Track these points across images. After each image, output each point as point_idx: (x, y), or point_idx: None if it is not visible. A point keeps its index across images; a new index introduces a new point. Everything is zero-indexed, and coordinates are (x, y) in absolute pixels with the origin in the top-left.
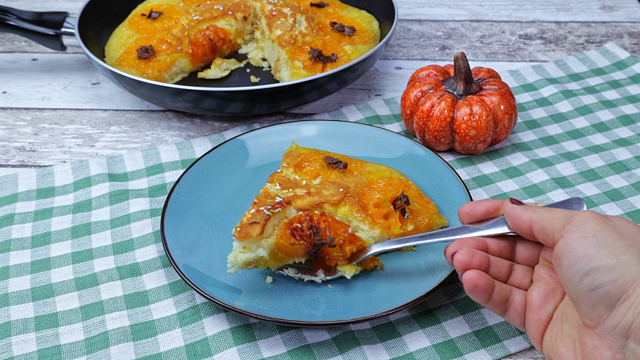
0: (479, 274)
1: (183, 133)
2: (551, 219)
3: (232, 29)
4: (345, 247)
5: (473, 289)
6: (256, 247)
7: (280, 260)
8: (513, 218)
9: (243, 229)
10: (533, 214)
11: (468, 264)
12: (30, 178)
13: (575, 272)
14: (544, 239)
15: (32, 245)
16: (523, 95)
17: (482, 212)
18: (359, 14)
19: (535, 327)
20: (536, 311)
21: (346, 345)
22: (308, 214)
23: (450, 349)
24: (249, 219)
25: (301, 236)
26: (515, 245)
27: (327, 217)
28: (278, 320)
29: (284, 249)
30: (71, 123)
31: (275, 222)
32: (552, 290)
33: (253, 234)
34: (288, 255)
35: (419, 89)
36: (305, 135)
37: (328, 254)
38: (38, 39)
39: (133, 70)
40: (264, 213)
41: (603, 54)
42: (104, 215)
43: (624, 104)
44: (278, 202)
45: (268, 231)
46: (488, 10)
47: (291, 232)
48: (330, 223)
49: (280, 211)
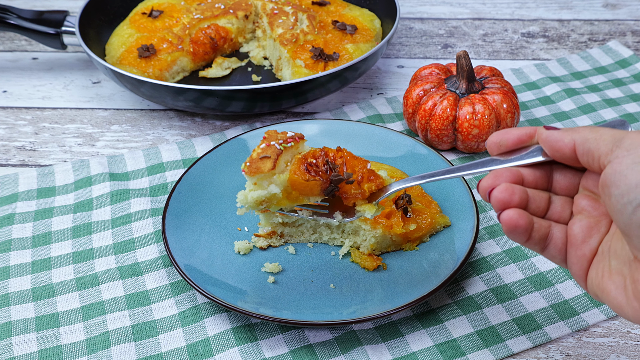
0: (520, 213)
1: (184, 132)
2: (597, 140)
3: (234, 28)
4: (364, 185)
5: (513, 230)
6: (268, 183)
7: (294, 200)
8: (552, 142)
9: (253, 164)
10: (576, 134)
11: (508, 201)
12: (31, 178)
13: (627, 202)
14: (588, 163)
15: (33, 245)
16: (526, 94)
17: (513, 141)
18: (360, 12)
19: (578, 264)
20: (579, 246)
21: (348, 345)
22: (323, 149)
23: (452, 349)
24: (259, 153)
25: (316, 172)
26: (552, 174)
27: (344, 152)
28: (280, 320)
29: (298, 186)
30: (72, 122)
31: (287, 158)
32: (596, 222)
33: (264, 169)
34: (302, 193)
35: (421, 87)
36: (307, 134)
37: (346, 192)
38: (38, 37)
39: (134, 69)
40: (275, 147)
41: (606, 52)
42: (104, 215)
43: (627, 103)
44: (290, 137)
45: (280, 167)
46: (490, 9)
47: (306, 168)
48: (347, 159)
49: (292, 146)
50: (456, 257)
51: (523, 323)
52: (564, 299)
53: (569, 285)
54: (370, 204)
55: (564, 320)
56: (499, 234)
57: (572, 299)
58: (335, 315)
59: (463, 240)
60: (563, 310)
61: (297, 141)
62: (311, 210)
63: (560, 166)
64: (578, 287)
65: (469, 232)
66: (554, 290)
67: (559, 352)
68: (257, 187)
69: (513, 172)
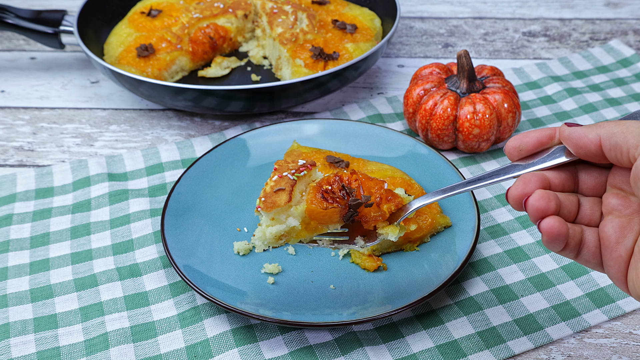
0: (560, 222)
1: (183, 132)
2: (624, 133)
3: (233, 27)
4: (383, 206)
5: (555, 239)
6: (286, 216)
7: (313, 230)
8: (576, 140)
9: (268, 199)
10: (601, 129)
11: (545, 209)
12: (29, 178)
13: None
14: (617, 158)
15: (31, 246)
16: (527, 94)
17: (533, 144)
18: (360, 12)
19: (615, 266)
20: (613, 248)
21: (348, 346)
22: (337, 174)
23: (453, 350)
24: (272, 187)
25: (333, 199)
26: (577, 174)
27: (358, 174)
28: (280, 321)
29: (317, 215)
30: (70, 122)
31: (302, 188)
32: (628, 221)
33: (281, 202)
34: (321, 222)
35: (422, 87)
36: (306, 134)
37: (365, 216)
38: (36, 37)
39: (132, 68)
40: (288, 178)
41: (608, 51)
42: (103, 216)
43: (629, 102)
44: (302, 165)
45: (296, 198)
46: (491, 8)
47: (322, 196)
48: (362, 181)
49: (306, 174)
50: (457, 257)
51: (524, 324)
52: (566, 300)
53: (570, 285)
54: (392, 226)
55: (565, 321)
56: (500, 234)
57: (573, 299)
58: (335, 316)
59: (464, 240)
60: (564, 311)
61: (310, 169)
62: (330, 239)
63: (585, 165)
64: (579, 287)
65: (470, 232)
66: (556, 291)
67: (561, 353)
68: (275, 221)
69: (540, 176)
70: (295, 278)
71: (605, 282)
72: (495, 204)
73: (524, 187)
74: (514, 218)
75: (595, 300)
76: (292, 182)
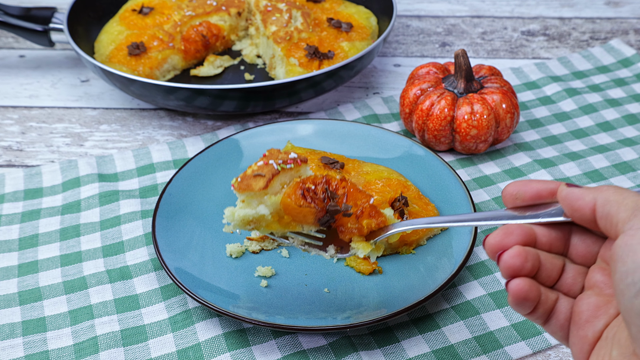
0: (530, 285)
1: (175, 132)
2: (619, 204)
3: (226, 25)
4: (363, 221)
5: (520, 302)
6: (257, 203)
7: (285, 225)
8: (572, 202)
9: (244, 180)
10: (599, 193)
11: (519, 269)
12: (18, 178)
13: (631, 283)
14: (606, 229)
15: (20, 248)
16: (525, 94)
17: (531, 196)
18: (356, 10)
19: (579, 345)
20: (582, 326)
21: (343, 351)
22: (326, 176)
23: (450, 355)
24: (254, 170)
25: (313, 199)
26: (570, 236)
27: (348, 183)
28: (273, 325)
29: (291, 210)
30: (60, 122)
31: (285, 180)
32: (605, 302)
33: (255, 187)
34: (295, 220)
35: (419, 87)
36: (300, 134)
37: (342, 226)
38: (25, 34)
39: (123, 67)
40: (272, 167)
41: (608, 51)
42: (93, 217)
43: (630, 103)
44: (292, 158)
45: (274, 188)
46: (489, 6)
47: (302, 193)
48: (350, 191)
49: (292, 168)
50: (454, 260)
51: (522, 329)
52: None
53: None
54: (366, 242)
55: None
56: None
57: None
58: (329, 321)
59: (461, 243)
60: None
61: (299, 164)
62: (303, 240)
63: (580, 229)
64: None
65: (467, 235)
66: None
67: (559, 358)
68: (246, 205)
69: (525, 230)
70: (288, 281)
71: None
72: (492, 206)
73: (503, 238)
74: None
75: None
76: (274, 171)
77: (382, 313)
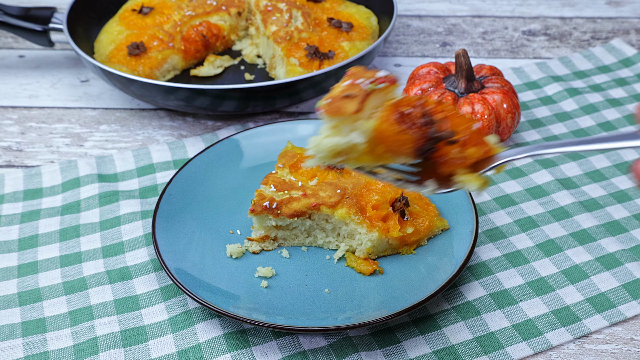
0: None
1: (175, 132)
2: None
3: (226, 25)
4: (469, 149)
5: None
6: (350, 129)
7: (377, 158)
8: None
9: (335, 102)
10: None
11: None
12: (17, 179)
13: None
14: None
15: (19, 248)
16: (526, 94)
17: None
18: (356, 9)
19: None
20: None
21: (343, 351)
22: (422, 98)
23: (451, 356)
24: (342, 90)
25: (412, 125)
26: None
27: (446, 107)
28: (273, 325)
29: (387, 139)
30: (59, 122)
31: (375, 103)
32: None
33: (348, 110)
34: (390, 149)
35: (419, 86)
36: (301, 134)
37: (444, 156)
38: (25, 35)
39: (123, 67)
40: (362, 86)
41: (609, 50)
42: (93, 217)
43: (631, 102)
44: (383, 77)
45: (366, 112)
46: (490, 6)
47: (399, 116)
48: (450, 115)
49: (384, 87)
50: (455, 261)
51: (523, 329)
52: (566, 305)
53: (570, 290)
54: (474, 175)
55: (565, 326)
56: (499, 237)
57: (573, 304)
58: (329, 321)
59: (462, 244)
60: (564, 316)
61: (391, 84)
62: (398, 175)
63: None
64: (580, 292)
65: (468, 235)
66: (555, 296)
67: (560, 359)
68: (336, 132)
69: None
70: (289, 282)
71: (606, 286)
72: (494, 207)
73: None
74: (513, 221)
75: (596, 305)
76: (367, 90)
77: (382, 314)
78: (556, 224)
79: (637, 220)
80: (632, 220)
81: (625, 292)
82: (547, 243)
